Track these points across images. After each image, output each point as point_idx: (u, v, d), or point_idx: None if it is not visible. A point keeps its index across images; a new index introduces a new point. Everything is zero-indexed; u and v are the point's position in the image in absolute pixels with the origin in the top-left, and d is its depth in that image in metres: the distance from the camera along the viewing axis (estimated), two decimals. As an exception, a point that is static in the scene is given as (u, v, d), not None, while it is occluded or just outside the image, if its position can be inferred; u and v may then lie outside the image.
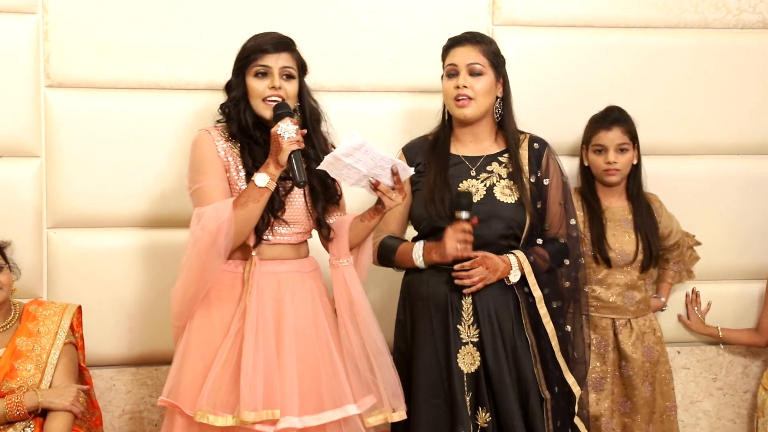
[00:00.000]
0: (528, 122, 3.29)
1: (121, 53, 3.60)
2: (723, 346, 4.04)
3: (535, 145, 3.23)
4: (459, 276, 3.05)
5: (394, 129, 3.73)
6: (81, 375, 3.29)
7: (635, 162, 3.64)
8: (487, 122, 3.21)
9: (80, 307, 3.33)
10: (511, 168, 3.18)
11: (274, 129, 2.80)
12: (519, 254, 3.12)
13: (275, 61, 2.92)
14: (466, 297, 3.09)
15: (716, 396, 4.08)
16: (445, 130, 3.25)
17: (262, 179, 2.80)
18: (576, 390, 3.18)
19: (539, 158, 3.22)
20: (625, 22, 3.92)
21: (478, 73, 3.13)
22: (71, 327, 3.24)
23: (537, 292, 3.13)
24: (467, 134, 3.23)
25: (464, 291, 3.07)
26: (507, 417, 3.05)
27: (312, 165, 2.94)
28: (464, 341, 3.09)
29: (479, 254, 3.06)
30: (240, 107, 2.95)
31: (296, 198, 2.97)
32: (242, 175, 2.91)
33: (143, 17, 3.61)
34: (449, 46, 3.20)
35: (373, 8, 3.77)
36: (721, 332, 3.95)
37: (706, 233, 3.95)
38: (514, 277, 3.10)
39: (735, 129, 4.00)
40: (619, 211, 3.66)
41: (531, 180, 3.18)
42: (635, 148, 3.63)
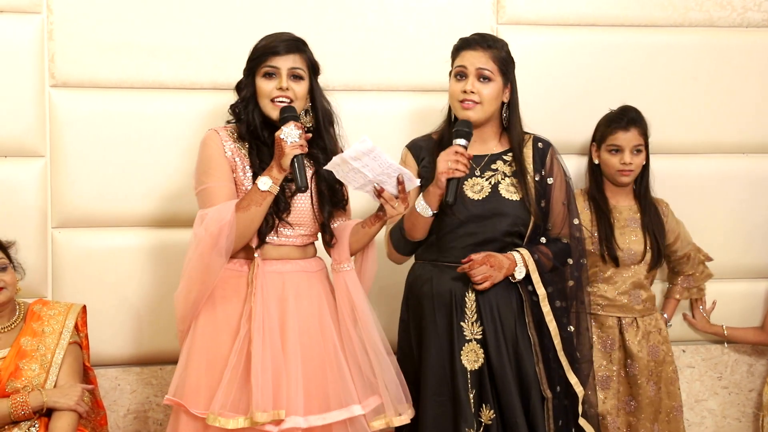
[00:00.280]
0: (532, 121, 3.29)
1: (126, 53, 3.60)
2: (728, 345, 4.04)
3: (539, 145, 3.23)
4: (463, 270, 3.05)
5: (399, 128, 3.72)
6: (86, 374, 3.29)
7: (644, 162, 3.64)
8: (493, 124, 3.20)
9: (85, 307, 3.33)
10: (515, 167, 3.18)
11: (278, 133, 2.79)
12: (523, 252, 3.12)
13: (284, 62, 2.91)
14: (470, 294, 3.10)
15: (721, 395, 4.08)
16: (450, 129, 3.24)
17: (265, 183, 2.81)
18: (579, 390, 3.17)
19: (543, 157, 3.21)
20: (630, 21, 3.92)
21: (487, 78, 3.12)
22: (76, 326, 3.25)
23: (541, 290, 3.13)
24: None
25: (477, 288, 3.06)
26: (510, 414, 3.05)
27: (320, 168, 2.94)
28: (468, 338, 3.09)
29: (482, 253, 3.06)
30: (249, 107, 2.95)
31: (302, 201, 2.96)
32: (249, 176, 2.91)
33: (147, 17, 3.61)
34: (460, 47, 3.18)
35: (378, 8, 3.76)
36: (726, 331, 3.95)
37: (711, 232, 3.95)
38: (519, 274, 3.10)
39: (739, 128, 3.99)
40: (626, 210, 3.66)
41: (535, 179, 3.18)
42: (647, 149, 3.63)
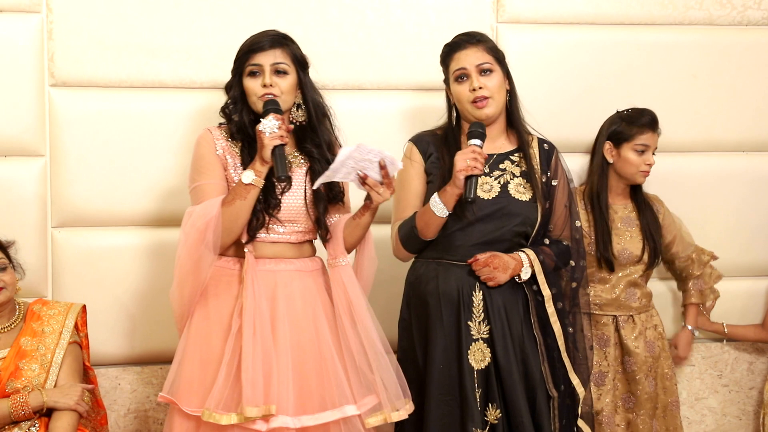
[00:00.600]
0: (532, 120, 3.28)
1: (125, 52, 3.60)
2: (728, 343, 4.04)
3: (545, 146, 3.24)
4: (470, 263, 3.06)
5: (399, 126, 3.72)
6: (86, 374, 3.29)
7: None
8: (500, 120, 3.20)
9: (85, 306, 3.33)
10: (524, 166, 3.18)
11: (258, 126, 2.81)
12: (529, 252, 3.12)
13: (266, 59, 2.92)
14: (477, 293, 3.09)
15: (721, 393, 4.08)
16: (455, 130, 3.23)
17: (248, 176, 2.82)
18: (580, 390, 3.18)
19: (549, 159, 3.22)
20: (630, 19, 3.91)
21: (489, 71, 3.12)
22: (76, 326, 3.24)
23: (546, 291, 3.13)
24: None
25: (489, 284, 3.07)
26: (516, 414, 3.05)
27: (315, 164, 2.95)
28: (475, 338, 3.09)
29: (488, 253, 3.06)
30: (237, 107, 2.97)
31: (294, 197, 2.96)
32: (240, 173, 2.92)
33: (147, 16, 3.61)
34: (450, 51, 3.17)
35: (378, 6, 3.76)
36: (727, 328, 3.95)
37: (712, 230, 3.95)
38: (525, 275, 3.10)
39: (740, 126, 3.99)
40: (622, 210, 3.67)
41: (542, 179, 3.18)
42: None
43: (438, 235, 3.12)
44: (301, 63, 2.99)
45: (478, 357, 3.08)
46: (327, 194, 3.00)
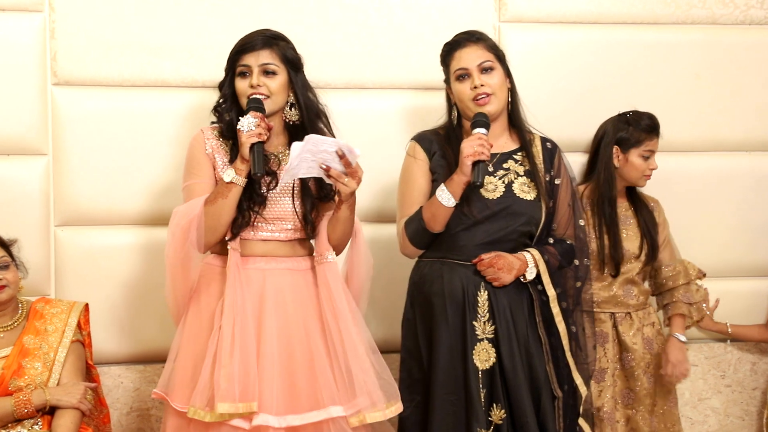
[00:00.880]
0: (533, 119, 3.28)
1: (128, 51, 3.61)
2: (731, 343, 4.04)
3: (548, 145, 3.24)
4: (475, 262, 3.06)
5: (401, 126, 3.72)
6: (88, 373, 3.29)
7: None
8: (502, 118, 3.20)
9: (87, 305, 3.33)
10: (528, 165, 3.17)
11: (237, 124, 2.83)
12: (534, 252, 3.11)
13: (255, 59, 2.94)
14: (482, 293, 3.09)
15: (724, 393, 4.08)
16: (456, 129, 3.22)
17: (229, 174, 2.84)
18: (583, 390, 3.18)
19: (552, 158, 3.22)
20: (633, 19, 3.91)
21: (490, 69, 3.12)
22: (78, 325, 3.24)
23: (551, 291, 3.13)
24: None
25: (494, 285, 3.07)
26: (520, 414, 3.05)
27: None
28: (480, 338, 3.08)
29: (492, 253, 3.06)
30: (228, 106, 2.99)
31: (282, 195, 2.96)
32: None
33: (149, 15, 3.61)
34: (451, 50, 3.17)
35: (380, 5, 3.76)
36: (731, 328, 3.94)
37: (715, 230, 3.95)
38: (530, 274, 3.10)
39: (743, 125, 3.99)
40: (619, 209, 3.66)
41: (545, 178, 3.17)
42: None
43: (443, 235, 3.12)
44: (293, 63, 2.99)
45: (483, 357, 3.08)
46: (318, 192, 3.00)
